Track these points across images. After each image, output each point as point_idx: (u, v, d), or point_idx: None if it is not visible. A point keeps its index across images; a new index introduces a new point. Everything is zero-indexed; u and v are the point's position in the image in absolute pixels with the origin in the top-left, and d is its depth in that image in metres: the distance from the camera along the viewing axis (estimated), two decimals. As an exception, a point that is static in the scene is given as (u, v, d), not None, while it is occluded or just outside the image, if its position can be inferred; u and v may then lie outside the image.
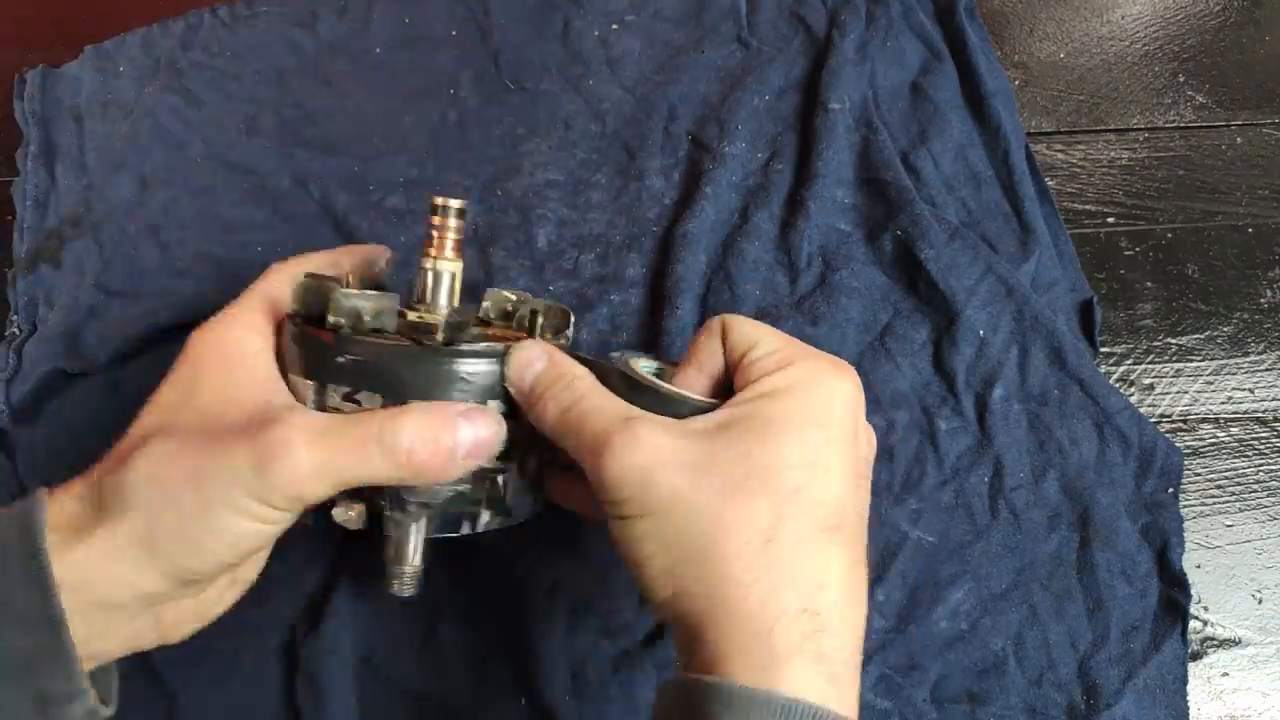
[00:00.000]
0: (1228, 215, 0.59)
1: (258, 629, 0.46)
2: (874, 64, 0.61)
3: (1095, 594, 0.46)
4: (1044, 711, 0.44)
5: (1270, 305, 0.56)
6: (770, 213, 0.56)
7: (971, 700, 0.45)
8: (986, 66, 0.61)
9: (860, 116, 0.59)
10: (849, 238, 0.55)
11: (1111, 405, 0.50)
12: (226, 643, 0.45)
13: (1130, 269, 0.57)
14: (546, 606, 0.46)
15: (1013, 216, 0.56)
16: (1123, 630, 0.46)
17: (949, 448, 0.50)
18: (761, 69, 0.61)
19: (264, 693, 0.45)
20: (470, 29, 0.63)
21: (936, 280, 0.52)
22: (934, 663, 0.45)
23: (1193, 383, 0.54)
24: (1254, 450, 0.52)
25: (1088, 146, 0.62)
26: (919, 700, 0.45)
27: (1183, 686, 0.45)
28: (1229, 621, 0.48)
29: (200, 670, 0.45)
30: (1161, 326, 0.56)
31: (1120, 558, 0.47)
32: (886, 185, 0.56)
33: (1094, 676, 0.45)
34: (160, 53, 0.62)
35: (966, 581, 0.47)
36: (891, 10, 0.63)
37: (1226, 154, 0.62)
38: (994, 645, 0.46)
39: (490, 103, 0.60)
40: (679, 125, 0.59)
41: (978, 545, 0.47)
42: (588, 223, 0.56)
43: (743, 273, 0.54)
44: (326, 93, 0.61)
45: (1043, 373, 0.51)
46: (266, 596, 0.46)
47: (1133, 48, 0.66)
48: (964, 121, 0.59)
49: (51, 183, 0.57)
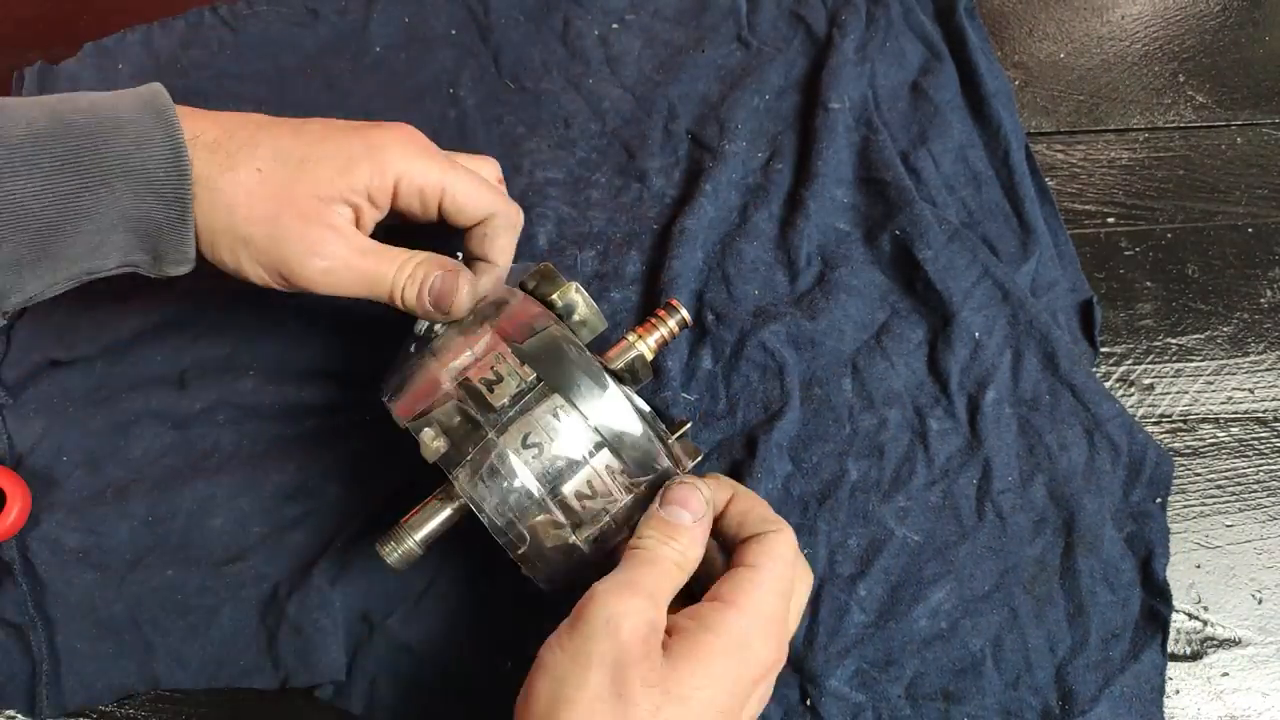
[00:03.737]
0: (1228, 215, 0.59)
1: (238, 583, 0.47)
2: (874, 64, 0.61)
3: (1077, 600, 0.46)
4: (1018, 714, 0.44)
5: (1270, 305, 0.56)
6: (770, 212, 0.56)
7: (947, 699, 0.45)
8: (986, 66, 0.61)
9: (860, 116, 0.59)
10: (848, 237, 0.55)
11: (1103, 412, 0.50)
12: (205, 597, 0.47)
13: (1130, 269, 0.57)
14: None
15: (1013, 217, 0.56)
16: (1102, 637, 0.46)
17: (939, 448, 0.50)
18: (761, 69, 0.61)
19: (243, 645, 0.46)
20: (470, 28, 0.63)
21: (934, 281, 0.52)
22: (911, 660, 0.45)
23: (1193, 383, 0.54)
24: (1254, 450, 0.52)
25: (1088, 146, 0.62)
26: (894, 696, 0.45)
27: (1159, 697, 0.45)
28: (1229, 621, 0.48)
29: (177, 622, 0.46)
30: (1161, 326, 0.55)
31: (1103, 565, 0.47)
32: (886, 185, 0.56)
33: (1070, 682, 0.45)
34: (160, 51, 0.62)
35: (949, 581, 0.47)
36: (891, 10, 0.63)
37: (1226, 154, 0.61)
38: (973, 646, 0.46)
39: (490, 102, 0.60)
40: (679, 124, 0.59)
41: (962, 546, 0.47)
42: (588, 221, 0.56)
43: (742, 272, 0.54)
44: (326, 92, 0.61)
45: (1035, 377, 0.51)
46: (246, 552, 0.47)
47: (1133, 48, 0.66)
48: (964, 121, 0.59)
49: (50, 180, 0.57)
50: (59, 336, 0.52)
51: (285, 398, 0.51)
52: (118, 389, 0.51)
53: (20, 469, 0.49)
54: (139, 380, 0.51)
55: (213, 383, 0.51)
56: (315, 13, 0.63)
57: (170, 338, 0.52)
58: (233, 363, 0.52)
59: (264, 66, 0.61)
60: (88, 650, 0.46)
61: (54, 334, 0.52)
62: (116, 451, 0.50)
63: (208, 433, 0.50)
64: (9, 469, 0.48)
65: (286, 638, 0.46)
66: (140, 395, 0.51)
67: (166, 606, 0.46)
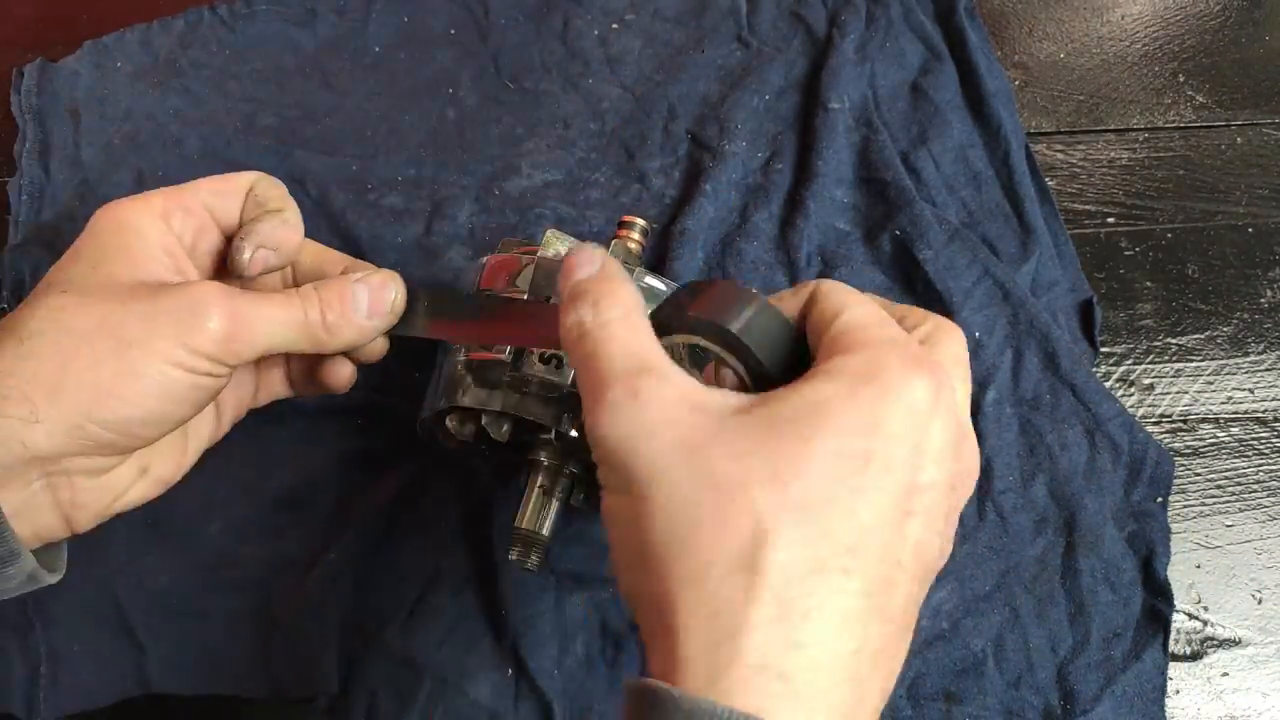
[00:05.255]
0: (1228, 215, 0.59)
1: (231, 590, 0.47)
2: (874, 64, 0.61)
3: (1078, 599, 0.46)
4: (1020, 714, 0.44)
5: (1270, 305, 0.56)
6: (770, 212, 0.56)
7: (948, 699, 0.45)
8: (986, 66, 0.61)
9: (860, 116, 0.59)
10: (848, 237, 0.55)
11: (1104, 412, 0.50)
12: (198, 602, 0.46)
13: (1130, 269, 0.57)
14: (537, 579, 0.46)
15: (1013, 217, 0.56)
16: (1103, 637, 0.46)
17: None
18: (761, 69, 0.61)
19: (235, 652, 0.46)
20: (469, 28, 0.63)
21: (934, 281, 0.52)
22: (913, 660, 0.45)
23: (1193, 383, 0.54)
24: (1254, 450, 0.52)
25: (1088, 146, 0.62)
26: (895, 697, 0.44)
27: (1161, 696, 0.45)
28: (1229, 621, 0.48)
29: (170, 625, 0.46)
30: (1161, 326, 0.55)
31: (1104, 564, 0.47)
32: (886, 185, 0.56)
33: (1072, 681, 0.45)
34: (159, 50, 0.61)
35: (950, 582, 0.47)
36: (891, 10, 0.63)
37: (1226, 154, 0.61)
38: (974, 646, 0.45)
39: (489, 102, 0.60)
40: (679, 124, 0.59)
41: (963, 546, 0.47)
42: (587, 220, 0.56)
43: (742, 272, 0.54)
44: (325, 91, 0.60)
45: (1036, 377, 0.51)
46: (241, 559, 0.47)
47: (1133, 48, 0.66)
48: (964, 121, 0.59)
49: (46, 178, 0.57)
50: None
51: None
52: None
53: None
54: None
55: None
56: (314, 12, 0.63)
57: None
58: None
59: (263, 65, 0.61)
60: (84, 653, 0.45)
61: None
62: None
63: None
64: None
65: (278, 647, 0.45)
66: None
67: (161, 611, 0.46)
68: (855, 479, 0.25)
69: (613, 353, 0.28)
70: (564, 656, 0.45)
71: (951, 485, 0.28)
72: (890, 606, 0.26)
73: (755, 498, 0.25)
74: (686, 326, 0.30)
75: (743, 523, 0.25)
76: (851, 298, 0.30)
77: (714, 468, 0.25)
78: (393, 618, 0.46)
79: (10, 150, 0.59)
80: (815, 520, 0.25)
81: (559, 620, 0.46)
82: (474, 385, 0.40)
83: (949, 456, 0.27)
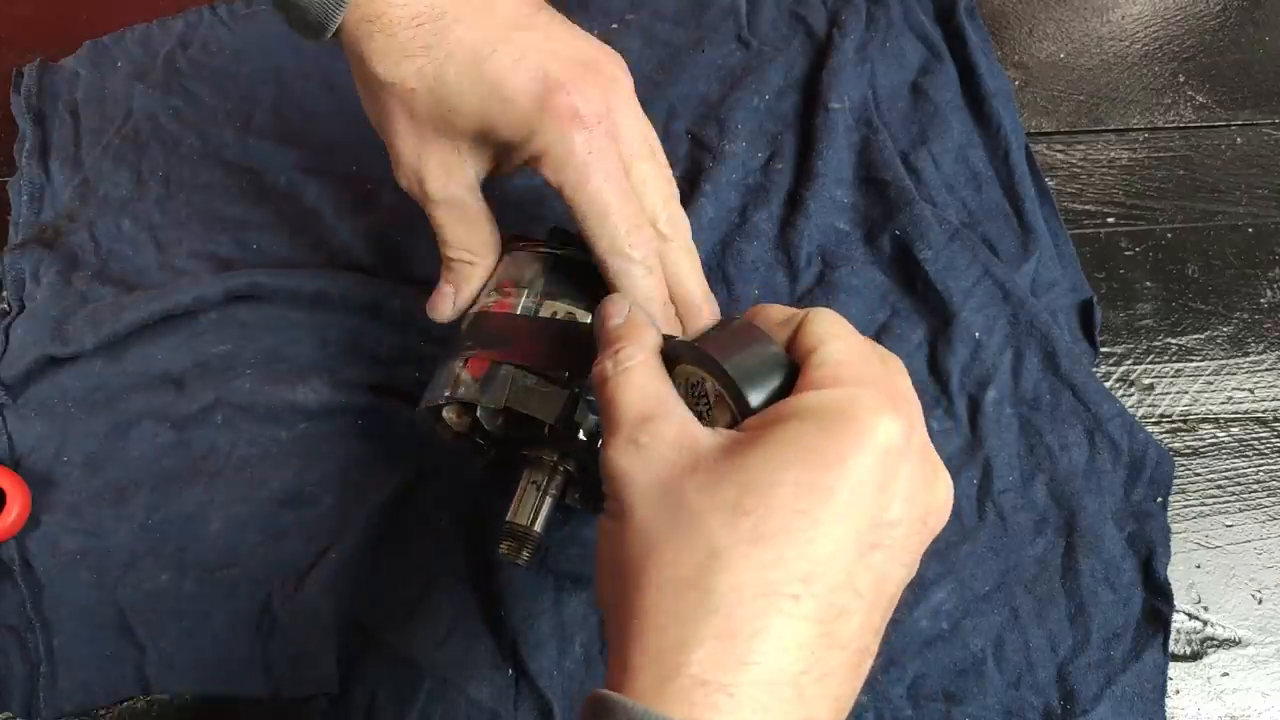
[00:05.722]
0: (1228, 215, 0.59)
1: (231, 589, 0.47)
2: (874, 64, 0.61)
3: (1078, 599, 0.46)
4: (1020, 714, 0.44)
5: (1270, 305, 0.56)
6: (770, 212, 0.56)
7: (948, 700, 0.45)
8: (986, 66, 0.61)
9: (860, 116, 0.59)
10: (848, 237, 0.55)
11: (1104, 412, 0.50)
12: (198, 602, 0.46)
13: (1130, 269, 0.57)
14: (536, 578, 0.46)
15: (1013, 217, 0.56)
16: (1103, 637, 0.46)
17: (940, 448, 0.48)
18: (761, 69, 0.61)
19: (235, 652, 0.46)
20: (469, 28, 0.63)
21: (934, 281, 0.52)
22: (913, 661, 0.45)
23: (1193, 383, 0.54)
24: (1254, 450, 0.52)
25: (1088, 146, 0.62)
26: (895, 697, 0.45)
27: (1161, 696, 0.45)
28: (1229, 621, 0.48)
29: (170, 625, 0.46)
30: (1161, 326, 0.55)
31: (1104, 564, 0.47)
32: (886, 185, 0.56)
33: (1072, 681, 0.45)
34: (159, 50, 0.62)
35: (950, 582, 0.47)
36: (891, 10, 0.63)
37: (1226, 154, 0.61)
38: (974, 646, 0.45)
39: (489, 101, 0.60)
40: (679, 124, 0.59)
41: (963, 546, 0.47)
42: (586, 221, 0.56)
43: (742, 272, 0.54)
44: (326, 92, 0.60)
45: (1036, 377, 0.51)
46: (241, 559, 0.47)
47: (1133, 48, 0.66)
48: (964, 122, 0.59)
49: (46, 178, 0.57)
50: (56, 333, 0.52)
51: (281, 398, 0.51)
52: (117, 389, 0.51)
53: (20, 469, 0.49)
54: (138, 380, 0.51)
55: (211, 383, 0.51)
56: (314, 12, 0.63)
57: (168, 336, 0.52)
58: (230, 361, 0.52)
59: (262, 65, 0.61)
60: (84, 652, 0.46)
61: (51, 330, 0.52)
62: (116, 453, 0.50)
63: (205, 434, 0.50)
64: (9, 469, 0.48)
65: (278, 646, 0.45)
66: (139, 396, 0.51)
67: (161, 610, 0.46)
68: (817, 511, 0.27)
69: (626, 401, 0.32)
70: (564, 656, 0.45)
71: (923, 520, 0.30)
72: (842, 634, 0.27)
73: (713, 524, 0.27)
74: (689, 359, 0.33)
75: (698, 545, 0.27)
76: (832, 329, 0.31)
77: (684, 499, 0.28)
78: (392, 617, 0.46)
79: (10, 150, 0.59)
80: (770, 548, 0.27)
81: (558, 620, 0.46)
82: (472, 379, 0.40)
83: (920, 491, 0.29)
